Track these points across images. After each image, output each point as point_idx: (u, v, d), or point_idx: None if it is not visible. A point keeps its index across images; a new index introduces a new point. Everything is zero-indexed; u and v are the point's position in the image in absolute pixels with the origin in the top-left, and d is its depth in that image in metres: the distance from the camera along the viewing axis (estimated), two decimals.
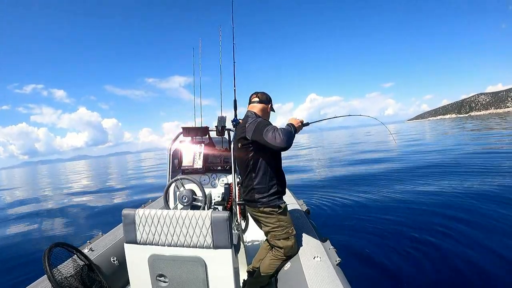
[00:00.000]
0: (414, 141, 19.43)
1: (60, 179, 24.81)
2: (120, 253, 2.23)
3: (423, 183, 6.47)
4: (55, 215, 8.09)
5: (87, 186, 15.93)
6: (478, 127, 27.68)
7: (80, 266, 1.91)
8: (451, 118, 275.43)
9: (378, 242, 3.69)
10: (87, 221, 6.97)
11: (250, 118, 2.00)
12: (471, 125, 34.40)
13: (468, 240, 3.46)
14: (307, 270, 1.69)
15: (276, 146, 1.72)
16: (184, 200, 2.29)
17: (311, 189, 7.19)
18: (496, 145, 12.64)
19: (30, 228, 6.65)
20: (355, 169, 9.99)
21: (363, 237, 3.89)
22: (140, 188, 12.01)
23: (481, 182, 5.98)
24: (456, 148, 12.43)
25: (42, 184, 21.59)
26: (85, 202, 9.84)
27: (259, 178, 1.94)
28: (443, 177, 6.76)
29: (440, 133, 22.31)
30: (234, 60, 2.98)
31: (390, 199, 5.50)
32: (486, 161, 8.37)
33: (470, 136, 19.70)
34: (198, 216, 1.51)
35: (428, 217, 4.30)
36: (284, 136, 1.71)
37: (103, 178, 19.78)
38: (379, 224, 4.26)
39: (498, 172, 6.78)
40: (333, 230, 4.23)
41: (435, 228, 3.84)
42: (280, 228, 1.94)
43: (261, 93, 2.13)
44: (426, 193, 5.59)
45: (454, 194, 5.25)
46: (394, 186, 6.57)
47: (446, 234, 3.66)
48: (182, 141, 2.87)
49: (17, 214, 8.88)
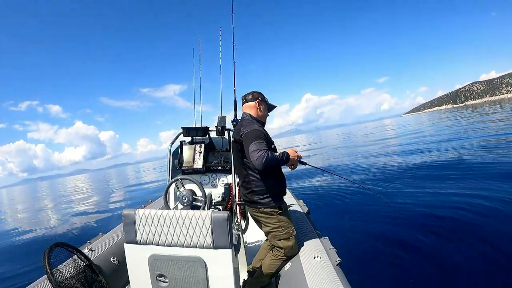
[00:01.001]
0: (415, 135, 19.13)
1: (61, 195, 23.88)
2: (120, 253, 2.23)
3: (427, 183, 6.42)
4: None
5: (89, 202, 15.21)
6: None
7: (80, 266, 1.91)
8: (447, 108, 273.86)
9: (378, 242, 3.68)
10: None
11: (245, 121, 2.01)
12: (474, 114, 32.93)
13: (471, 241, 3.43)
14: (307, 270, 1.69)
15: (252, 163, 1.75)
16: (184, 200, 2.29)
17: (311, 189, 7.19)
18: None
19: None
20: (355, 169, 9.99)
21: (363, 237, 3.88)
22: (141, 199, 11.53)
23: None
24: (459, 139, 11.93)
25: (45, 201, 20.59)
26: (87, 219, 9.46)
27: (258, 179, 1.94)
28: (447, 178, 6.59)
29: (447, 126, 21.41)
30: (234, 61, 2.99)
31: (391, 200, 5.49)
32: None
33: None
34: (198, 216, 1.51)
35: (429, 218, 4.28)
36: (267, 162, 1.69)
37: (105, 194, 18.88)
38: (379, 224, 4.25)
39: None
40: (333, 230, 4.22)
41: (436, 229, 3.83)
42: (281, 229, 1.94)
43: (249, 93, 2.12)
44: (431, 194, 5.54)
45: (463, 196, 5.07)
46: (394, 186, 6.57)
47: (447, 235, 3.65)
48: (182, 141, 2.87)
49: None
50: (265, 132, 1.95)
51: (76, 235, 5.77)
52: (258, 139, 1.77)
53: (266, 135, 1.93)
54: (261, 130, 1.92)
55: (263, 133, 1.89)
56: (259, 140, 1.77)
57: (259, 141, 1.76)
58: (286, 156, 1.88)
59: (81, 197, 17.52)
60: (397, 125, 42.35)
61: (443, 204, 4.73)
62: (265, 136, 1.88)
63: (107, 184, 28.22)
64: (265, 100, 2.13)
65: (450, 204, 4.67)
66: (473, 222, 3.89)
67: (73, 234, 5.85)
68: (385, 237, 3.81)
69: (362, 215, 4.77)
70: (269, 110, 2.24)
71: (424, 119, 46.18)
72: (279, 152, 1.89)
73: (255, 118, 2.06)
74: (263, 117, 2.13)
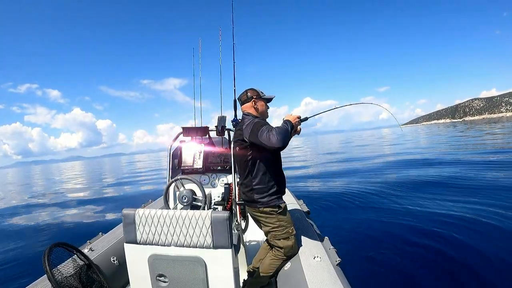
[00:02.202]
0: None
1: (54, 182, 23.87)
2: (120, 253, 2.23)
3: (426, 187, 6.45)
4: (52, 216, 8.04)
5: (83, 190, 15.17)
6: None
7: (80, 266, 1.91)
8: (445, 123, 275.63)
9: (378, 243, 3.69)
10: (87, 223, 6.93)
11: (246, 120, 1.99)
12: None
13: (469, 243, 3.44)
14: (307, 270, 1.69)
15: (271, 147, 1.70)
16: (184, 200, 2.29)
17: (312, 189, 7.19)
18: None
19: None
20: (355, 167, 10.00)
21: (363, 238, 3.89)
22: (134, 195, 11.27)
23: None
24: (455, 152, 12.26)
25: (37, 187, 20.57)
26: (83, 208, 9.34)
27: (258, 179, 1.94)
28: (448, 185, 6.59)
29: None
30: (234, 60, 2.99)
31: (391, 201, 5.50)
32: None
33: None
34: (198, 216, 1.50)
35: (430, 222, 4.28)
36: (279, 135, 1.69)
37: (99, 183, 18.79)
38: (379, 225, 4.26)
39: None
40: (333, 230, 4.23)
41: (435, 231, 3.84)
42: (280, 228, 1.94)
43: (243, 94, 2.08)
44: (430, 197, 5.56)
45: (461, 202, 5.13)
46: (394, 186, 6.58)
47: (447, 236, 3.66)
48: (182, 141, 2.87)
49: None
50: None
51: (75, 235, 5.77)
52: (263, 126, 1.80)
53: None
54: (263, 121, 1.95)
55: (265, 122, 1.93)
56: (264, 126, 1.80)
57: (265, 126, 1.79)
58: (290, 123, 1.87)
59: (76, 187, 17.48)
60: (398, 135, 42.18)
61: (444, 210, 4.72)
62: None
63: (100, 173, 28.26)
64: (260, 96, 2.07)
65: (452, 210, 4.66)
66: (475, 229, 3.89)
67: (71, 233, 5.86)
68: (385, 237, 3.82)
69: (362, 216, 4.78)
70: (268, 102, 2.16)
71: (438, 130, 45.62)
72: (282, 124, 1.88)
73: (257, 117, 2.04)
74: (263, 113, 2.09)
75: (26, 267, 3.95)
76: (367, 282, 2.83)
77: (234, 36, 3.05)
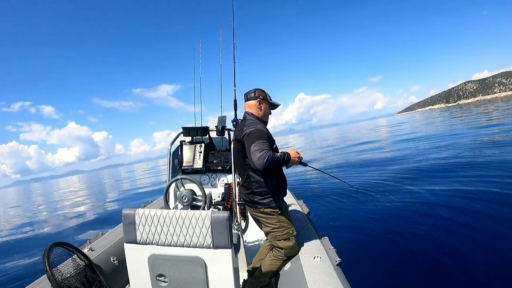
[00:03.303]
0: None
1: (55, 197, 23.36)
2: (120, 253, 2.23)
3: (428, 183, 6.40)
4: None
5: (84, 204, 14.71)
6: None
7: (80, 266, 1.91)
8: (440, 108, 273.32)
9: (378, 242, 3.68)
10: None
11: (248, 121, 1.98)
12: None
13: (471, 240, 3.42)
14: (307, 270, 1.69)
15: (253, 163, 1.72)
16: (184, 200, 2.29)
17: (312, 190, 7.19)
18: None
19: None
20: (354, 168, 9.97)
21: (363, 237, 3.88)
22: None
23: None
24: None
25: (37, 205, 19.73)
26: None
27: (259, 179, 1.93)
28: (451, 177, 6.54)
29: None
30: (235, 60, 2.99)
31: (391, 200, 5.49)
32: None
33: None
34: (198, 216, 1.50)
35: (430, 217, 4.27)
36: (268, 162, 1.67)
37: (100, 195, 18.47)
38: (379, 224, 4.25)
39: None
40: (333, 230, 4.22)
41: (436, 229, 3.82)
42: (281, 229, 1.94)
43: (251, 91, 2.09)
44: (431, 193, 5.53)
45: (467, 194, 5.01)
46: (395, 186, 6.56)
47: (447, 234, 3.64)
48: (182, 141, 2.87)
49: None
50: (268, 132, 1.93)
51: (75, 235, 5.77)
52: (260, 139, 1.75)
53: (269, 135, 1.90)
54: (264, 130, 1.89)
55: (266, 133, 1.86)
56: (261, 140, 1.75)
57: (261, 141, 1.74)
58: (287, 157, 1.86)
59: (77, 200, 17.27)
60: (393, 124, 42.13)
61: (445, 203, 4.71)
62: (268, 136, 1.86)
63: (101, 185, 27.98)
64: (267, 98, 2.09)
65: (453, 203, 4.64)
66: (479, 217, 3.87)
67: (71, 235, 5.85)
68: (385, 237, 3.81)
69: (362, 216, 4.77)
70: (273, 108, 2.19)
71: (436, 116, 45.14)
72: (280, 153, 1.87)
73: (258, 118, 2.03)
74: (265, 116, 2.09)
75: (26, 268, 3.94)
76: (367, 282, 2.82)
77: (234, 36, 3.06)
